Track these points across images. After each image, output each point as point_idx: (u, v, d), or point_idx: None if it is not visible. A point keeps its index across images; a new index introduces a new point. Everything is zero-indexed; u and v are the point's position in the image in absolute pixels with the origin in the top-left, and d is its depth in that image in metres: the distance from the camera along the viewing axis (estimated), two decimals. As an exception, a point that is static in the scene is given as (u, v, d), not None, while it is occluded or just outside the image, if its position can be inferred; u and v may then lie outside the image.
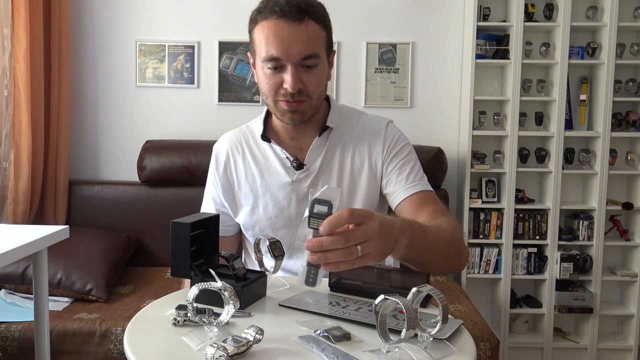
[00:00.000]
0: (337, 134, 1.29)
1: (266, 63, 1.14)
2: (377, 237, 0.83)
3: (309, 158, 1.27)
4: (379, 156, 1.27)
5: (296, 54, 1.11)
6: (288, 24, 1.10)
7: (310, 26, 1.12)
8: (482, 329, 2.19)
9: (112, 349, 2.04)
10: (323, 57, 1.17)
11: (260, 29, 1.14)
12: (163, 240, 2.82)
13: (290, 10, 1.10)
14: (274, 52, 1.12)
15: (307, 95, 1.17)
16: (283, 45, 1.11)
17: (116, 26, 2.99)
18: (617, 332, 3.01)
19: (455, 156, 3.02)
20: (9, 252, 1.48)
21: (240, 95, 3.01)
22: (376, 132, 1.29)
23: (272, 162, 1.29)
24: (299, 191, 1.26)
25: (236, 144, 1.33)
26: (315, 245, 0.80)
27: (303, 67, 1.14)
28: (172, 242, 0.93)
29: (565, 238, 2.86)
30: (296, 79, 1.13)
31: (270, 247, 1.03)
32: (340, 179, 1.26)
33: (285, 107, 1.18)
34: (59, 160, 2.82)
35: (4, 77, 2.48)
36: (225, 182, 1.32)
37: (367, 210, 0.84)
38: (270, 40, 1.12)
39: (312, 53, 1.13)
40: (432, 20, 2.99)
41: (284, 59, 1.12)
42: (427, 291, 0.74)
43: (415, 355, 0.74)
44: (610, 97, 2.79)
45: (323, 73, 1.18)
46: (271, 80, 1.16)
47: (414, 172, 1.26)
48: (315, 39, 1.14)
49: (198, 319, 0.79)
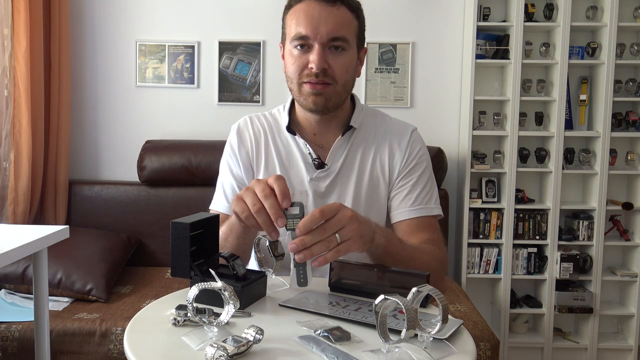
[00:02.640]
0: (360, 136, 1.28)
1: (294, 42, 1.15)
2: (353, 221, 0.90)
3: (330, 157, 1.25)
4: (397, 166, 1.26)
5: (324, 33, 1.12)
6: (320, 5, 1.12)
7: (342, 10, 1.14)
8: (482, 329, 2.19)
9: (112, 349, 2.04)
10: (352, 45, 1.17)
11: (293, 12, 1.16)
12: (163, 240, 2.82)
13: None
14: (302, 30, 1.13)
15: (332, 78, 1.16)
16: (313, 24, 1.12)
17: (116, 26, 2.99)
18: (617, 332, 3.01)
19: (455, 156, 3.02)
20: (9, 252, 1.48)
21: (240, 95, 3.01)
22: (400, 139, 1.28)
23: (295, 155, 1.26)
24: (316, 189, 1.24)
25: (259, 129, 1.30)
26: (299, 244, 0.87)
27: (331, 49, 1.14)
28: (172, 242, 0.92)
29: (565, 238, 2.86)
30: (322, 58, 1.13)
31: (270, 247, 1.03)
32: (360, 183, 1.25)
33: (309, 90, 1.17)
34: (59, 160, 2.82)
35: (4, 77, 2.48)
36: (247, 161, 1.29)
37: (336, 203, 0.91)
38: (300, 19, 1.13)
39: (340, 35, 1.13)
40: (432, 20, 2.99)
41: (312, 37, 1.12)
42: (427, 291, 0.73)
43: (415, 355, 0.74)
44: (610, 97, 2.79)
45: (351, 60, 1.18)
46: (297, 60, 1.16)
47: (423, 193, 1.25)
48: (346, 24, 1.15)
49: (198, 319, 0.79)
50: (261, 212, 0.91)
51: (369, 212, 1.22)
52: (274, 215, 0.90)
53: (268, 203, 0.90)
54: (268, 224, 0.91)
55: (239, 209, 0.94)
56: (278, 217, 0.90)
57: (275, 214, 0.90)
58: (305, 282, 0.93)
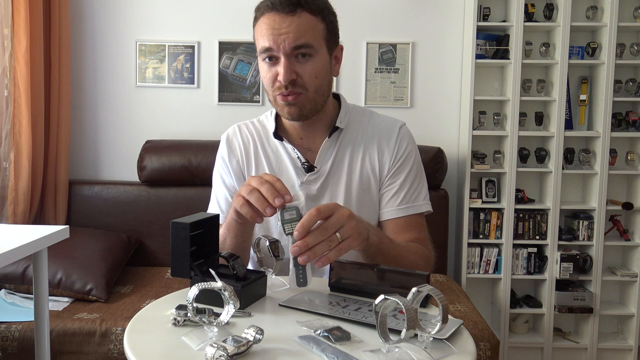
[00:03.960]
0: (348, 135, 1.27)
1: (262, 55, 1.15)
2: (351, 219, 0.92)
3: (319, 160, 1.25)
4: (386, 164, 1.26)
5: (286, 44, 1.11)
6: (280, 16, 1.11)
7: (304, 17, 1.12)
8: (482, 329, 2.19)
9: (112, 349, 2.04)
10: (320, 49, 1.15)
11: (258, 26, 1.16)
12: (163, 240, 2.83)
13: (282, 2, 1.11)
14: (266, 43, 1.13)
15: (302, 87, 1.15)
16: (274, 35, 1.11)
17: (116, 26, 2.99)
18: (617, 332, 3.01)
19: (455, 156, 3.02)
20: (9, 252, 1.48)
21: (240, 95, 3.01)
22: (388, 136, 1.28)
23: (284, 160, 1.27)
24: (308, 193, 1.24)
25: (249, 137, 1.31)
26: (301, 246, 0.88)
27: (297, 58, 1.13)
28: (172, 242, 0.93)
29: (565, 238, 2.86)
30: (288, 70, 1.12)
31: (270, 247, 1.03)
32: (350, 182, 1.25)
33: (282, 101, 1.17)
34: (59, 160, 2.82)
35: (4, 77, 2.48)
36: (238, 170, 1.30)
37: (332, 203, 0.93)
38: (263, 32, 1.13)
39: (303, 43, 1.12)
40: (432, 20, 2.99)
41: (275, 49, 1.12)
42: (427, 291, 0.73)
43: (415, 355, 0.74)
44: (610, 97, 2.79)
45: (320, 65, 1.16)
46: (268, 73, 1.16)
47: (411, 191, 1.25)
48: (309, 30, 1.13)
49: (198, 319, 0.79)
50: (254, 192, 0.94)
51: (361, 211, 1.22)
52: (270, 197, 0.92)
53: (264, 188, 0.93)
54: (262, 201, 0.93)
55: (237, 202, 0.97)
56: (275, 197, 0.92)
57: (271, 195, 0.92)
58: (305, 282, 0.93)
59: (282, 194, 0.92)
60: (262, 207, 0.93)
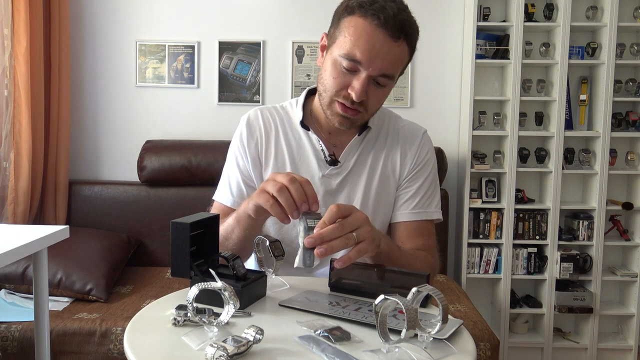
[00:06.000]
0: (373, 135, 1.28)
1: (343, 60, 1.09)
2: (367, 224, 0.92)
3: (344, 155, 1.25)
4: (407, 167, 1.27)
5: (377, 68, 1.08)
6: (384, 37, 1.06)
7: (401, 48, 1.10)
8: (482, 329, 2.19)
9: (112, 349, 2.04)
10: (395, 79, 1.15)
11: (354, 24, 1.08)
12: (163, 240, 2.83)
13: (394, 25, 1.06)
14: (358, 54, 1.07)
15: (364, 108, 1.14)
16: (371, 54, 1.07)
17: (116, 26, 2.99)
18: (617, 332, 3.01)
19: (455, 156, 3.02)
20: (9, 252, 1.48)
21: (240, 95, 3.01)
22: (412, 140, 1.28)
23: (306, 151, 1.25)
24: (327, 186, 1.24)
25: (270, 122, 1.28)
26: (317, 238, 0.87)
27: (374, 82, 1.11)
28: (172, 242, 0.93)
29: (565, 238, 2.86)
30: (364, 90, 1.10)
31: (270, 247, 1.03)
32: (370, 182, 1.25)
33: (340, 111, 1.14)
34: (59, 160, 2.82)
35: (4, 77, 2.48)
36: (255, 155, 1.26)
37: (350, 204, 0.95)
38: (360, 41, 1.07)
39: (390, 73, 1.11)
40: (432, 20, 2.99)
41: (364, 66, 1.08)
42: (427, 291, 0.73)
43: (415, 355, 0.74)
44: (610, 97, 2.79)
45: (388, 92, 1.17)
46: (339, 78, 1.11)
47: (425, 197, 1.27)
48: (399, 62, 1.12)
49: (198, 319, 0.79)
50: (284, 191, 0.92)
51: (377, 211, 1.24)
52: (299, 200, 0.91)
53: (293, 187, 0.92)
54: (290, 203, 0.91)
55: (263, 199, 0.95)
56: (303, 202, 0.91)
57: (300, 199, 0.91)
58: (311, 264, 0.91)
59: (311, 201, 0.92)
60: (290, 209, 0.92)
